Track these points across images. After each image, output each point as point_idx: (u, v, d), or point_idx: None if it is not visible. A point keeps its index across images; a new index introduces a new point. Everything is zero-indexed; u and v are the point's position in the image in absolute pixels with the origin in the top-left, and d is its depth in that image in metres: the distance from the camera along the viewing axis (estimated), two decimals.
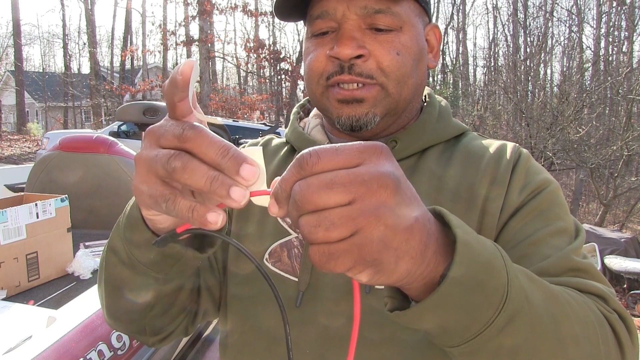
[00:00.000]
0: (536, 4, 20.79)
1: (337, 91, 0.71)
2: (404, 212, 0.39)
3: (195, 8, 15.63)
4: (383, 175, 0.38)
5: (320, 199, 0.37)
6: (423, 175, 0.73)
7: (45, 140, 9.39)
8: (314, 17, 0.72)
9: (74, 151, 1.85)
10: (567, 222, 0.67)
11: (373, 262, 0.38)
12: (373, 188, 0.37)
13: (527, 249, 0.64)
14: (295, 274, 0.72)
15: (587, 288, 0.58)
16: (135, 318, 0.66)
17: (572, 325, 0.49)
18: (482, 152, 0.75)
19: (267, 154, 0.86)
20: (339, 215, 0.37)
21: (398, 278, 0.41)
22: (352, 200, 0.37)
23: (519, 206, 0.68)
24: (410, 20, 0.72)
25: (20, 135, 20.79)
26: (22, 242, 1.30)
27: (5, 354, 0.88)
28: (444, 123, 0.79)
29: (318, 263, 0.38)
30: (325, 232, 0.37)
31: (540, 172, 0.72)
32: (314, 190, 0.37)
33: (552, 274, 0.60)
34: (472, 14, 38.77)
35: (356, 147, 0.39)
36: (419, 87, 0.76)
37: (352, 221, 0.37)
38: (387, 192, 0.38)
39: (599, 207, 10.63)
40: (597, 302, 0.57)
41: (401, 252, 0.39)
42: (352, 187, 0.37)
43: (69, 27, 35.94)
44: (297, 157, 0.39)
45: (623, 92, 10.42)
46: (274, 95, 18.81)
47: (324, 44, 0.72)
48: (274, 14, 0.75)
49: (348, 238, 0.37)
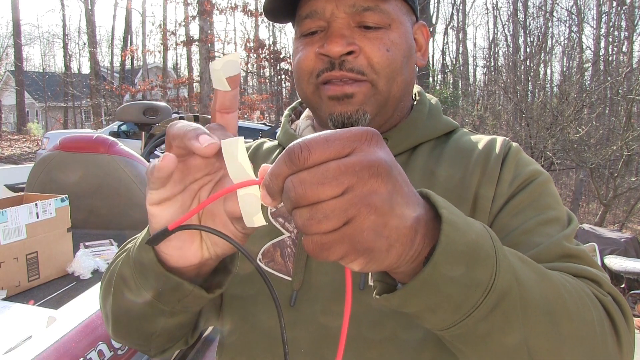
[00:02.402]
0: (536, 4, 20.79)
1: (328, 87, 0.71)
2: (396, 200, 0.39)
3: (195, 8, 15.62)
4: (374, 163, 0.38)
5: (314, 194, 0.37)
6: (415, 172, 0.73)
7: (45, 140, 9.39)
8: (303, 16, 0.72)
9: (74, 151, 1.85)
10: (558, 211, 0.67)
11: (365, 250, 0.39)
12: (364, 177, 0.38)
13: (519, 238, 0.63)
14: (289, 274, 0.72)
15: (581, 272, 0.58)
16: (141, 341, 0.68)
17: (566, 306, 0.49)
18: (471, 148, 0.75)
19: (259, 157, 0.86)
20: (331, 207, 0.37)
21: (389, 264, 0.41)
22: (344, 191, 0.37)
23: (509, 197, 0.68)
24: (398, 18, 0.72)
25: (20, 135, 20.78)
26: (22, 242, 1.30)
27: (5, 354, 0.88)
28: (435, 120, 0.80)
29: (312, 252, 0.39)
30: (318, 224, 0.37)
31: (529, 164, 0.72)
32: (307, 186, 0.37)
33: (544, 260, 0.59)
34: (472, 14, 38.80)
35: (347, 135, 0.39)
36: (409, 84, 0.76)
37: (344, 212, 0.37)
38: (379, 181, 0.38)
39: (599, 207, 10.63)
40: (590, 286, 0.56)
41: (392, 240, 0.39)
42: (344, 179, 0.37)
43: (69, 27, 35.98)
44: (287, 149, 0.39)
45: (623, 92, 10.42)
46: (274, 95, 18.80)
47: (313, 43, 0.72)
48: (264, 15, 0.75)
49: (340, 228, 0.38)
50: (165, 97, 16.70)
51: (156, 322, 0.61)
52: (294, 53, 0.76)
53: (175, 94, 17.79)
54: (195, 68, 20.10)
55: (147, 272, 0.54)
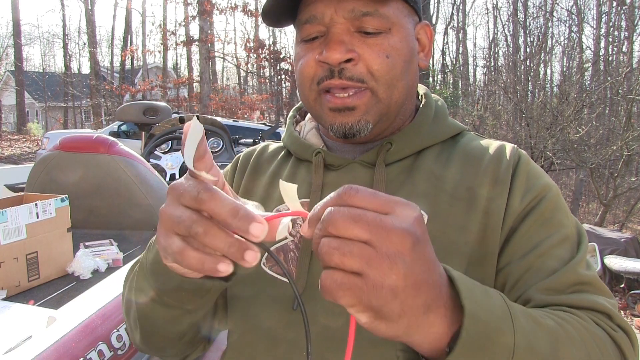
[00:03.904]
0: (536, 4, 20.79)
1: (329, 99, 0.71)
2: (418, 269, 0.41)
3: (195, 8, 15.62)
4: (405, 230, 0.41)
5: (344, 226, 0.40)
6: (421, 175, 0.73)
7: (45, 140, 9.38)
8: (302, 21, 0.72)
9: (74, 151, 1.85)
10: (569, 227, 0.69)
11: (377, 307, 0.40)
12: (392, 237, 0.40)
13: (534, 262, 0.65)
14: (292, 277, 0.72)
15: (592, 306, 0.61)
16: (168, 346, 0.71)
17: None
18: (481, 153, 0.75)
19: (264, 160, 0.86)
20: (358, 248, 0.40)
21: (395, 332, 0.42)
22: (370, 240, 0.40)
23: (522, 214, 0.69)
24: (399, 21, 0.71)
25: (20, 135, 20.78)
26: (22, 242, 1.30)
27: (5, 354, 0.88)
28: (440, 123, 0.79)
29: (327, 288, 0.40)
30: (341, 257, 0.40)
31: (540, 177, 0.73)
32: (341, 216, 0.40)
33: (559, 288, 0.63)
34: (472, 14, 38.79)
35: (393, 199, 0.43)
36: (411, 88, 0.76)
37: (368, 258, 0.39)
38: (405, 246, 0.40)
39: (599, 207, 10.63)
40: (602, 321, 0.59)
41: (406, 306, 0.41)
42: (374, 229, 0.40)
43: (69, 27, 35.95)
44: (341, 187, 0.43)
45: (623, 92, 10.41)
46: (274, 95, 18.78)
47: (313, 49, 0.72)
48: (262, 19, 0.75)
49: (361, 275, 0.40)
50: (165, 97, 16.70)
51: (183, 321, 0.65)
52: (295, 58, 0.76)
53: (175, 94, 17.80)
54: (195, 68, 20.09)
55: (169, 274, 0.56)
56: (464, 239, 0.68)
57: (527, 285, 0.64)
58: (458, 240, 0.68)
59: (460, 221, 0.69)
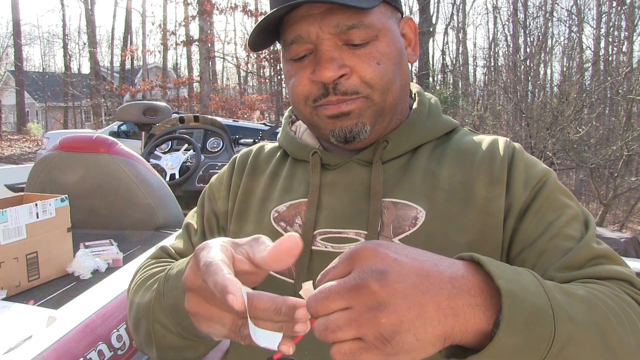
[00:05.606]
0: (536, 4, 20.78)
1: (326, 107, 0.72)
2: (404, 293, 0.42)
3: (195, 8, 15.62)
4: (365, 278, 0.43)
5: (324, 306, 0.44)
6: (416, 173, 0.73)
7: (45, 140, 9.37)
8: (289, 42, 0.72)
9: (74, 151, 1.84)
10: (573, 207, 0.71)
11: (397, 351, 0.42)
12: (361, 292, 0.42)
13: (547, 245, 0.66)
14: (292, 276, 0.72)
15: (613, 274, 0.62)
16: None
17: (615, 328, 0.52)
18: (474, 149, 0.75)
19: (261, 161, 0.87)
20: (342, 318, 0.42)
21: (434, 350, 0.44)
22: (347, 305, 0.43)
23: (526, 203, 0.70)
24: (384, 25, 0.71)
25: (20, 135, 20.77)
26: (22, 242, 1.30)
27: (5, 354, 0.88)
28: (434, 120, 0.80)
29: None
30: (334, 334, 0.43)
31: (536, 164, 0.74)
32: (318, 300, 0.44)
33: (577, 265, 0.63)
34: (472, 14, 38.72)
35: (344, 257, 0.46)
36: (404, 87, 0.76)
37: (355, 322, 0.42)
38: (374, 290, 0.42)
39: (599, 207, 10.62)
40: (624, 287, 0.60)
41: (417, 328, 0.42)
42: (344, 294, 0.43)
43: (69, 27, 35.94)
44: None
45: (623, 92, 10.41)
46: (274, 95, 18.79)
47: (304, 67, 0.72)
48: (249, 48, 0.75)
49: (363, 340, 0.42)
50: (165, 97, 16.70)
51: (202, 348, 0.68)
52: (286, 76, 0.76)
53: (175, 94, 17.79)
54: (195, 68, 20.09)
55: (184, 319, 0.59)
56: (465, 239, 0.68)
57: (544, 269, 0.65)
58: (458, 240, 0.68)
59: (459, 220, 0.69)
